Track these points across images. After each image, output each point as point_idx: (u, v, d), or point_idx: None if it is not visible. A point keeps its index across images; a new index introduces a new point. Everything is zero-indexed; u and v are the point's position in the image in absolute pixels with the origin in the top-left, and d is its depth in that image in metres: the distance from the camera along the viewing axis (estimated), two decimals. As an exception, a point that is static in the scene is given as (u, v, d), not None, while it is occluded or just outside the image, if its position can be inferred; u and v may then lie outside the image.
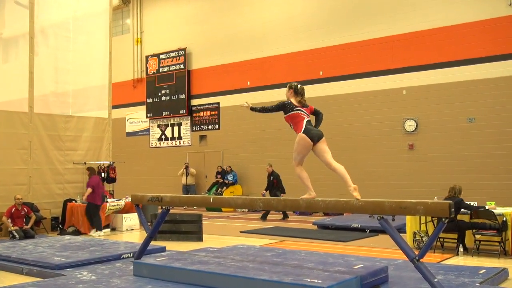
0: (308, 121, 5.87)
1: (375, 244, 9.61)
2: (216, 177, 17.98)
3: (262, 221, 13.70)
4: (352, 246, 9.45)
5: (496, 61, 13.28)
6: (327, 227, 11.91)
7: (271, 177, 14.37)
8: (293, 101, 5.94)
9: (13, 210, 10.80)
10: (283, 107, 5.92)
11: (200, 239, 10.31)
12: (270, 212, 15.65)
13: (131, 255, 7.87)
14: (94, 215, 11.46)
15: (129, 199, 12.09)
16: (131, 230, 12.21)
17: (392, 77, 14.91)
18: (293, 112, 5.87)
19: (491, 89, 13.36)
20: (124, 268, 7.17)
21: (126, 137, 21.69)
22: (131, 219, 12.34)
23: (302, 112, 5.88)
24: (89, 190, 11.35)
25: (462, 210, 8.33)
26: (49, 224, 12.17)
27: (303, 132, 5.75)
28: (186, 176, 18.27)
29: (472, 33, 13.67)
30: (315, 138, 5.74)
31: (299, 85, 6.04)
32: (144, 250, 7.28)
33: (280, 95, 16.75)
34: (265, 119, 17.43)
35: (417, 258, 5.00)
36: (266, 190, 14.33)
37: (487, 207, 8.33)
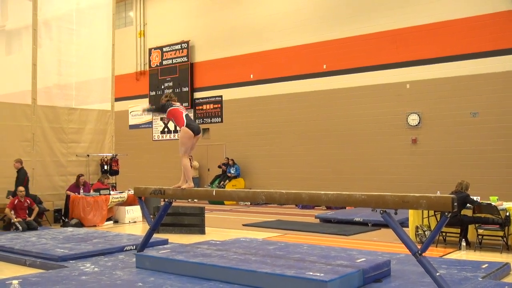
0: (187, 115, 6.82)
1: (378, 238, 9.61)
2: (221, 167, 17.94)
3: None
4: (354, 239, 9.45)
5: (500, 56, 13.21)
6: (330, 221, 11.89)
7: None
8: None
9: (16, 201, 10.83)
10: (162, 107, 6.90)
11: (202, 232, 10.33)
12: (272, 205, 15.68)
13: (134, 248, 7.89)
14: None
15: (132, 192, 12.10)
16: (133, 223, 12.24)
17: (395, 71, 14.85)
18: (172, 108, 6.81)
19: (495, 83, 13.30)
20: (127, 260, 7.18)
21: (129, 130, 21.69)
22: (134, 212, 12.38)
23: (180, 108, 6.86)
24: None
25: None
26: (52, 216, 12.21)
27: (186, 126, 6.68)
28: (190, 168, 18.21)
29: (476, 27, 13.60)
30: (196, 131, 6.74)
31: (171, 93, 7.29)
32: (146, 242, 7.30)
33: (282, 88, 16.92)
34: (267, 113, 17.43)
35: (419, 252, 4.99)
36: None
37: (493, 204, 8.28)
